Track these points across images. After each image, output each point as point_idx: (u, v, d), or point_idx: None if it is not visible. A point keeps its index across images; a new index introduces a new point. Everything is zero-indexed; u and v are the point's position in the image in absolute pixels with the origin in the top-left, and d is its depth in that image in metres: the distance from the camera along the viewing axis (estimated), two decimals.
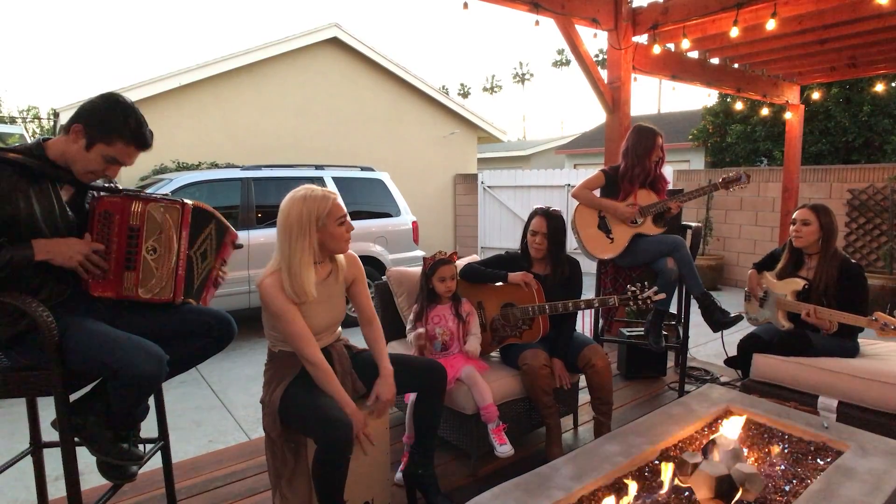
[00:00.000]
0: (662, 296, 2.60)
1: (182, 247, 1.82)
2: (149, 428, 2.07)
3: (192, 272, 1.90)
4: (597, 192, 3.36)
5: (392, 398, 2.04)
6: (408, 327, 2.63)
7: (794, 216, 2.83)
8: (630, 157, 3.25)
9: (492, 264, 2.78)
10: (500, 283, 2.68)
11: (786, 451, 1.91)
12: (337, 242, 1.94)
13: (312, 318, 1.93)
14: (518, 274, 2.63)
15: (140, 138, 1.68)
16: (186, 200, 1.84)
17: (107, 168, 1.68)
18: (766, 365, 2.80)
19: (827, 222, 2.74)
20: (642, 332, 3.48)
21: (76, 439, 1.72)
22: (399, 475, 2.33)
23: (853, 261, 2.76)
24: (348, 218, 1.96)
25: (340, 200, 1.95)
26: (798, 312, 2.70)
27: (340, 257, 2.05)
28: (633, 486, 1.63)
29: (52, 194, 1.67)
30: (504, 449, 2.34)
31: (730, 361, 3.12)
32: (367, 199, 6.47)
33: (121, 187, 1.88)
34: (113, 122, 1.63)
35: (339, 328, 2.15)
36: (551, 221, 2.67)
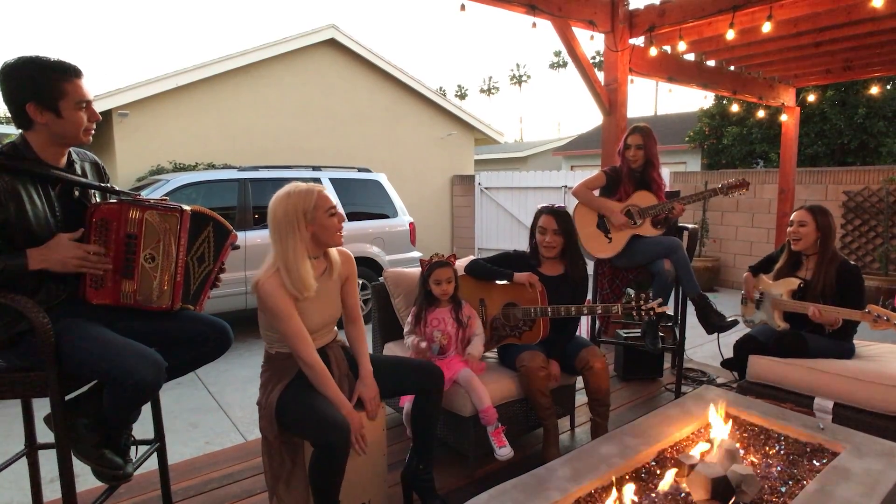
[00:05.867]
0: (666, 308, 2.59)
1: (180, 254, 1.81)
2: (145, 429, 2.07)
3: (190, 277, 1.89)
4: (596, 193, 3.38)
5: (375, 396, 2.04)
6: (405, 329, 2.62)
7: (791, 218, 2.84)
8: (619, 155, 3.32)
9: (498, 262, 2.76)
10: (504, 282, 2.67)
11: (782, 452, 1.92)
12: (330, 234, 1.93)
13: (309, 317, 1.93)
14: (524, 274, 2.61)
15: (67, 69, 1.62)
16: (185, 206, 1.83)
17: (89, 114, 1.68)
18: (762, 366, 2.81)
19: (824, 223, 2.75)
20: (639, 334, 3.48)
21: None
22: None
23: (851, 262, 2.77)
24: (339, 209, 1.96)
25: (327, 192, 1.94)
26: (797, 312, 2.70)
27: (335, 254, 2.04)
28: (630, 487, 1.63)
29: (44, 197, 1.65)
30: (504, 451, 2.34)
31: (726, 363, 3.13)
32: (365, 200, 6.47)
33: (117, 188, 1.86)
34: (42, 82, 1.59)
35: (336, 329, 2.14)
36: (559, 217, 2.66)
